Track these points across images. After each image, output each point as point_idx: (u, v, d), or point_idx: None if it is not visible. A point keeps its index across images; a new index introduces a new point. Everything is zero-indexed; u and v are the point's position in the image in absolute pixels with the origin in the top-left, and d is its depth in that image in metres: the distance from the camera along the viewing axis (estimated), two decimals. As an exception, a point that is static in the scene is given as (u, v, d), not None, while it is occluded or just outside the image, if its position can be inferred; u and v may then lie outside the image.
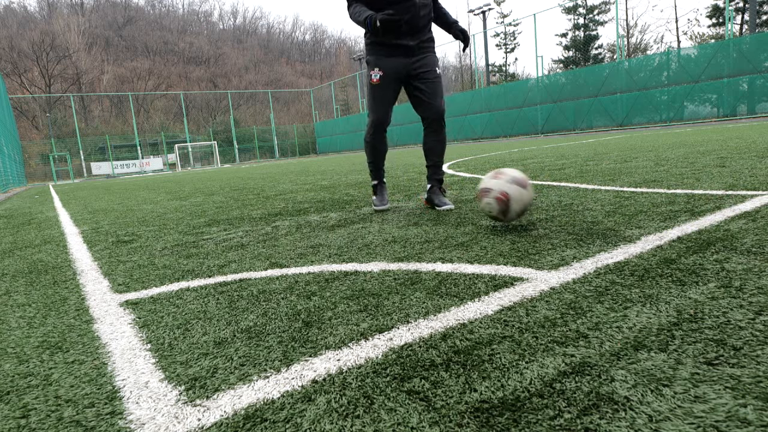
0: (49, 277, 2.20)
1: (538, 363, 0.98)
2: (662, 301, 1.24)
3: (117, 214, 4.74)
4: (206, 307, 1.54)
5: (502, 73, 46.38)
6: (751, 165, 3.74)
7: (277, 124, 48.41)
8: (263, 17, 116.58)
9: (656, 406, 0.81)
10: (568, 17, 40.32)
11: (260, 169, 15.10)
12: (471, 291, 1.46)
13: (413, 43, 3.01)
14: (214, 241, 2.69)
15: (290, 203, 4.22)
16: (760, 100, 18.92)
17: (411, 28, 2.97)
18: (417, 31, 3.00)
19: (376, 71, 3.02)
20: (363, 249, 2.14)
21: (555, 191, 3.36)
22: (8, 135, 20.30)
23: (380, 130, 3.14)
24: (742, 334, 1.03)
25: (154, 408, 0.96)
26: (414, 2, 2.92)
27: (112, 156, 36.68)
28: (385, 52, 3.02)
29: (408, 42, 2.99)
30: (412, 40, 3.00)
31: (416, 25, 2.97)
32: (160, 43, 71.38)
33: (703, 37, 34.11)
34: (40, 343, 1.36)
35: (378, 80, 3.01)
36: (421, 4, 2.96)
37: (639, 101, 22.19)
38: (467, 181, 4.65)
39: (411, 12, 2.92)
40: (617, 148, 7.66)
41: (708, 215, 2.14)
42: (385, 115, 3.09)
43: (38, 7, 74.10)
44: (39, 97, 49.76)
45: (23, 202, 8.68)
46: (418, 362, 1.04)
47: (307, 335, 1.24)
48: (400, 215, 2.98)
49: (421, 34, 3.03)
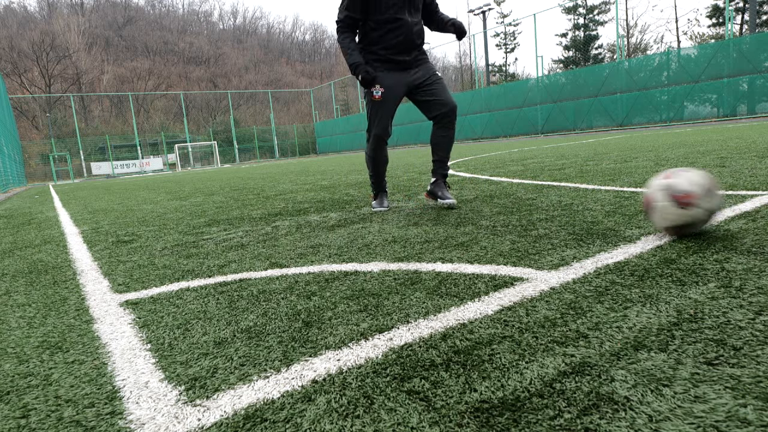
0: (49, 277, 2.20)
1: (538, 363, 0.98)
2: (662, 301, 1.24)
3: (117, 214, 4.74)
4: (206, 307, 1.54)
5: (502, 73, 46.37)
6: (751, 165, 3.74)
7: (277, 124, 48.42)
8: (263, 17, 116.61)
9: (656, 406, 0.81)
10: (568, 17, 40.32)
11: (260, 169, 15.10)
12: (471, 291, 1.46)
13: (409, 57, 3.07)
14: (214, 241, 2.69)
15: (290, 203, 4.22)
16: (760, 100, 18.92)
17: (406, 46, 3.02)
18: (413, 48, 3.06)
19: (377, 88, 3.03)
20: (363, 249, 2.14)
21: (555, 191, 3.36)
22: (8, 135, 20.30)
23: (382, 145, 3.18)
24: (742, 334, 1.03)
25: (154, 408, 0.96)
26: (406, 21, 2.97)
27: (112, 156, 36.68)
28: (384, 68, 3.05)
29: (404, 57, 3.05)
30: (408, 56, 3.06)
31: (411, 42, 3.04)
32: (160, 43, 71.37)
33: (703, 37, 34.11)
34: (40, 343, 1.36)
35: (380, 97, 3.04)
36: (412, 22, 3.00)
37: (639, 101, 22.19)
38: (467, 181, 4.65)
39: (404, 31, 2.98)
40: (617, 148, 7.66)
41: (708, 215, 2.14)
42: (386, 129, 3.13)
43: (38, 7, 74.13)
44: (39, 97, 49.75)
45: (23, 202, 8.68)
46: (418, 362, 1.04)
47: (307, 335, 1.24)
48: (400, 215, 2.98)
49: (416, 50, 3.09)
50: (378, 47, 3.02)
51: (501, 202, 3.13)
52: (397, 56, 3.03)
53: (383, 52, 3.01)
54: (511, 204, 2.99)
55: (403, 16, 2.96)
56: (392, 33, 2.97)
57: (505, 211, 2.74)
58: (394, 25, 2.95)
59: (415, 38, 3.04)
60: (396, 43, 2.99)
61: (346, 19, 2.99)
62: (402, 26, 2.96)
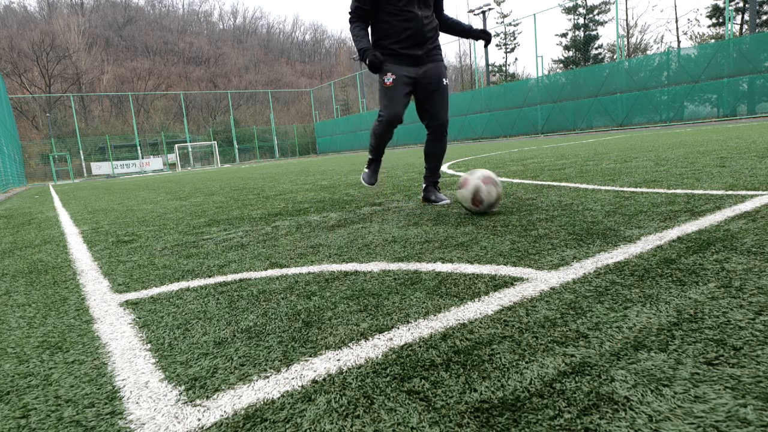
0: (49, 277, 2.20)
1: (538, 363, 0.98)
2: (662, 301, 1.24)
3: (117, 214, 4.74)
4: (206, 307, 1.54)
5: (502, 73, 46.37)
6: (751, 165, 3.74)
7: (277, 124, 48.41)
8: (263, 17, 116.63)
9: (656, 406, 0.81)
10: (568, 17, 40.33)
11: (260, 169, 15.10)
12: (471, 291, 1.46)
13: (421, 52, 3.09)
14: (214, 241, 2.69)
15: (290, 203, 4.22)
16: (760, 100, 18.92)
17: (417, 39, 3.04)
18: (423, 42, 3.08)
19: (389, 75, 3.08)
20: (363, 249, 2.14)
21: (555, 191, 3.36)
22: (8, 135, 20.30)
23: (391, 127, 3.18)
24: (742, 334, 1.03)
25: (154, 408, 0.96)
26: (416, 14, 2.99)
27: (112, 156, 36.68)
28: (394, 60, 3.08)
29: (416, 52, 3.07)
30: (420, 50, 3.08)
31: (422, 37, 3.05)
32: (160, 43, 71.36)
33: (703, 37, 34.10)
34: (40, 343, 1.36)
35: (391, 83, 3.07)
36: (423, 16, 3.02)
37: (639, 101, 22.19)
38: (467, 181, 4.65)
39: (415, 23, 3.00)
40: (617, 148, 7.66)
41: (708, 215, 2.14)
42: (398, 112, 3.12)
43: (38, 7, 74.13)
44: (39, 97, 49.74)
45: (23, 202, 8.68)
46: (418, 362, 1.04)
47: (307, 335, 1.24)
48: (400, 215, 2.98)
49: (428, 43, 3.10)
50: (389, 41, 3.05)
51: (501, 202, 3.13)
52: (408, 50, 3.05)
53: (395, 47, 3.05)
54: (511, 204, 2.99)
55: (413, 8, 2.98)
56: (402, 25, 2.99)
57: (505, 211, 2.74)
58: (403, 17, 2.98)
59: (426, 32, 3.05)
60: (406, 36, 3.02)
61: (357, 10, 3.05)
62: (412, 19, 2.99)
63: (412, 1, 2.98)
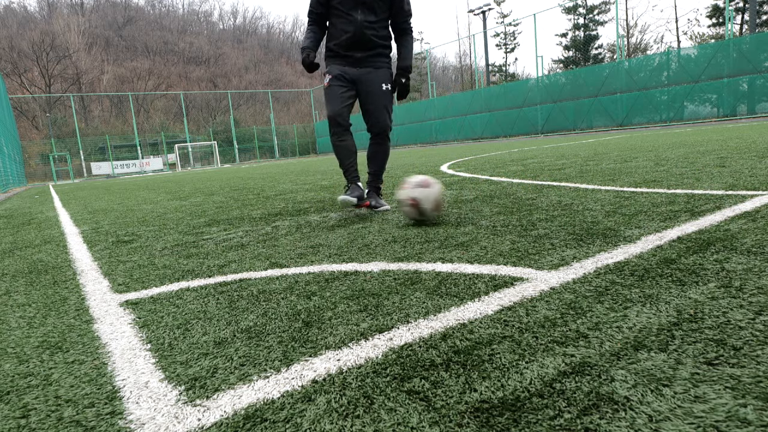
0: (49, 277, 2.20)
1: (538, 363, 0.98)
2: (662, 301, 1.24)
3: (117, 214, 4.74)
4: (206, 307, 1.54)
5: (502, 73, 46.37)
6: (751, 165, 3.74)
7: (277, 124, 48.40)
8: (263, 17, 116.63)
9: (656, 406, 0.81)
10: (568, 17, 40.32)
11: (260, 169, 15.10)
12: (471, 291, 1.46)
13: (360, 55, 3.25)
14: (214, 241, 2.69)
15: (290, 203, 4.22)
16: (760, 100, 18.92)
17: (356, 43, 3.21)
18: (363, 47, 3.23)
19: (327, 77, 3.30)
20: (363, 249, 2.14)
21: (555, 191, 3.36)
22: (8, 135, 20.30)
23: (337, 127, 3.24)
24: (742, 334, 1.03)
25: (154, 408, 0.96)
26: (356, 18, 3.15)
27: (112, 156, 36.69)
28: (335, 62, 3.30)
29: (355, 54, 3.25)
30: (359, 53, 3.25)
31: (360, 41, 3.21)
32: (160, 43, 71.34)
33: (703, 37, 34.10)
34: (40, 343, 1.36)
35: (328, 84, 3.28)
36: (365, 20, 3.16)
37: (639, 101, 22.19)
38: (467, 181, 4.65)
39: (354, 27, 3.17)
40: (617, 148, 7.66)
41: (708, 215, 2.14)
42: (337, 111, 3.21)
43: (38, 7, 74.12)
44: (39, 97, 49.74)
45: (23, 202, 8.68)
46: (418, 362, 1.04)
47: (307, 335, 1.24)
48: (400, 215, 2.98)
49: (368, 50, 3.25)
50: (332, 42, 3.29)
51: (501, 202, 3.13)
52: (347, 51, 3.23)
53: (336, 48, 3.27)
54: (511, 204, 2.99)
55: (355, 13, 3.14)
56: (344, 28, 3.18)
57: (505, 211, 2.74)
58: (345, 20, 3.17)
59: (365, 38, 3.19)
60: (345, 39, 3.20)
61: (311, 13, 3.32)
62: (352, 22, 3.16)
63: (356, 7, 3.14)
